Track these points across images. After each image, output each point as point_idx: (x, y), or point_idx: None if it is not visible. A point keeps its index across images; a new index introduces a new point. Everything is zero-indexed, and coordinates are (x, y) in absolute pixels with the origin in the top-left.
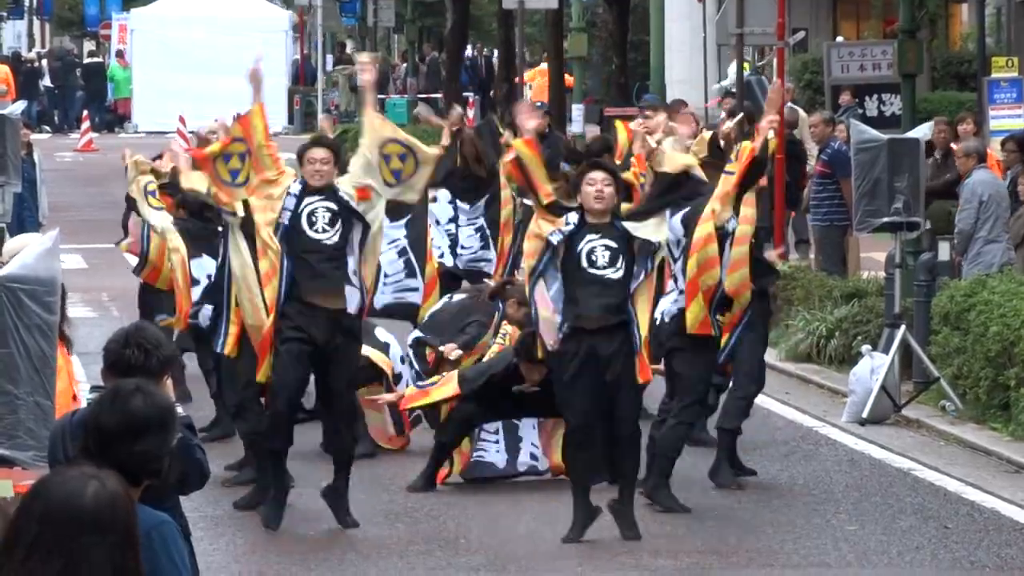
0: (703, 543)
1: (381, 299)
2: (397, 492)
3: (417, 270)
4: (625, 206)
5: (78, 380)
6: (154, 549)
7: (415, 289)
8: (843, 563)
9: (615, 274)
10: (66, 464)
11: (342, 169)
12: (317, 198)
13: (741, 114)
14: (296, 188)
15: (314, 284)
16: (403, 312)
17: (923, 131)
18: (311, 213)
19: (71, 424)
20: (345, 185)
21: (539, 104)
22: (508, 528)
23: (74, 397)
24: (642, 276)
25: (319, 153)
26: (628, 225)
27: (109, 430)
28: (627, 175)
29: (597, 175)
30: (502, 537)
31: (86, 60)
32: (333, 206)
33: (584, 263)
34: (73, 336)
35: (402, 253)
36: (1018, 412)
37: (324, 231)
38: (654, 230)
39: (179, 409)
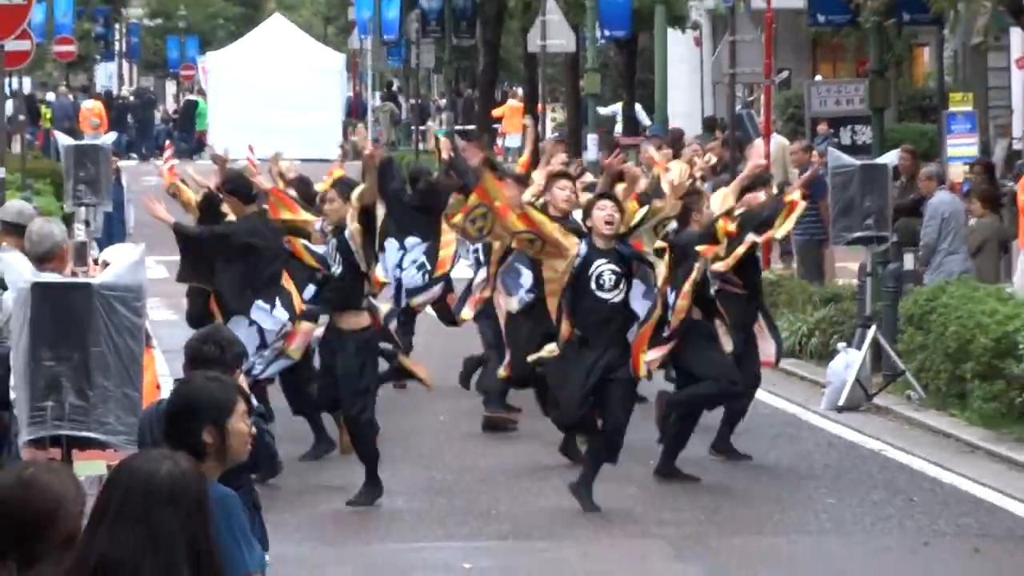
0: (702, 514)
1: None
2: (437, 470)
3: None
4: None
5: (161, 374)
6: (216, 519)
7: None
8: (822, 531)
9: (618, 297)
10: (149, 447)
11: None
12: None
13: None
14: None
15: None
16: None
17: (891, 158)
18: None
19: (157, 412)
20: None
21: (556, 134)
22: (533, 501)
23: (157, 387)
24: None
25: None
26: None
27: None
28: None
29: (606, 203)
30: (527, 509)
31: (187, 97)
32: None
33: (593, 286)
34: (156, 336)
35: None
36: (973, 400)
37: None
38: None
39: (252, 400)
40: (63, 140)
